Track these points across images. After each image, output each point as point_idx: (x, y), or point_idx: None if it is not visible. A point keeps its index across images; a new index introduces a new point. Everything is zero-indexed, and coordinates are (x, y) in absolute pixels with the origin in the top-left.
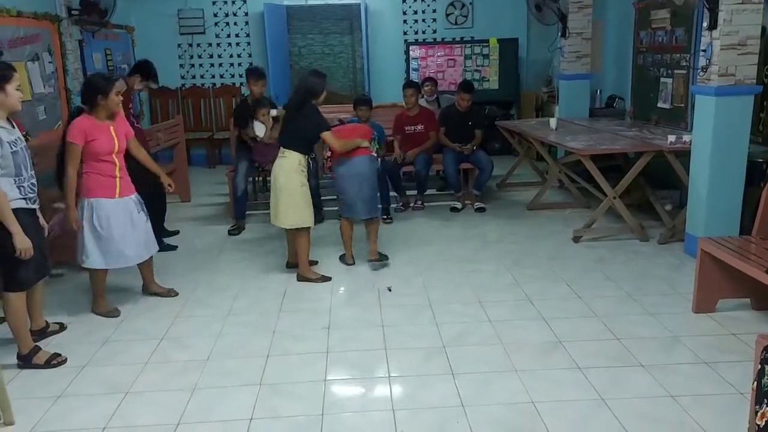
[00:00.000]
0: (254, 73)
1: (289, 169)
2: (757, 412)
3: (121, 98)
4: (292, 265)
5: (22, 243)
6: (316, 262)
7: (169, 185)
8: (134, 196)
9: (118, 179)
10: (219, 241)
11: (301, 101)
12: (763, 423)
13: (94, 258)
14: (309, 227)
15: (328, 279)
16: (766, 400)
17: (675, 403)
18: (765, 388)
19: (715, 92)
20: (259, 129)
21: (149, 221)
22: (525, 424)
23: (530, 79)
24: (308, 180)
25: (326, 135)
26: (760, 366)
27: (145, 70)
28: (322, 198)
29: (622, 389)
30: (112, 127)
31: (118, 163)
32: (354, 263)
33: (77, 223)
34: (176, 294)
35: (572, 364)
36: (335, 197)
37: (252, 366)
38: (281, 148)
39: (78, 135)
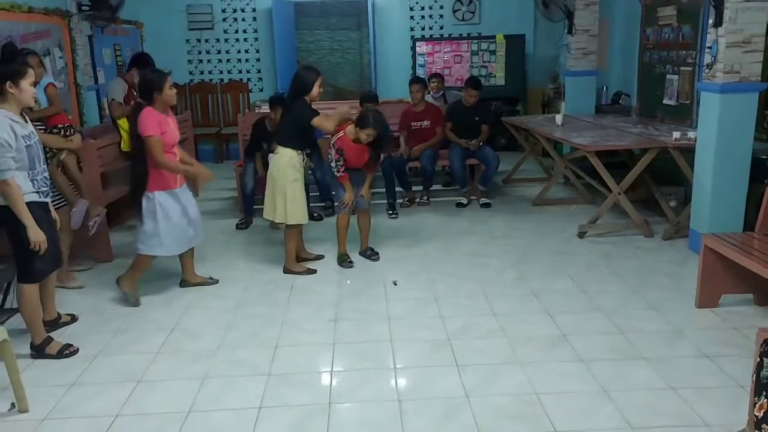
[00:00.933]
0: (281, 103)
1: (280, 165)
2: (755, 404)
3: (175, 91)
4: (301, 259)
5: (36, 236)
6: (322, 257)
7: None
8: (186, 185)
9: None
10: (227, 235)
11: (292, 97)
12: (761, 414)
13: (168, 246)
14: (299, 224)
15: (314, 272)
16: (764, 392)
17: (676, 395)
18: (763, 381)
19: (720, 89)
20: None
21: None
22: (529, 414)
23: (537, 76)
24: (312, 174)
25: (316, 121)
26: (759, 359)
27: (140, 62)
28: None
29: (625, 381)
30: (170, 120)
31: (178, 154)
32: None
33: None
34: (216, 281)
35: (576, 357)
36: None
37: (261, 356)
38: (277, 146)
39: (155, 126)
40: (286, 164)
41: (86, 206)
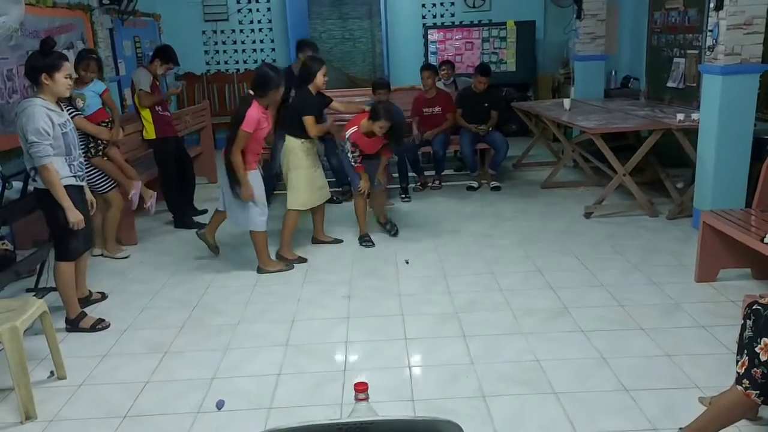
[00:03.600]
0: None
1: (286, 153)
2: (738, 362)
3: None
4: (317, 241)
5: (75, 216)
6: (340, 241)
7: None
8: None
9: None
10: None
11: (297, 86)
12: (742, 371)
13: (263, 220)
14: (297, 210)
15: (304, 260)
16: (746, 351)
17: (670, 361)
18: (745, 341)
19: (721, 71)
20: None
21: None
22: (529, 378)
23: (547, 61)
24: (327, 160)
25: (306, 119)
26: (743, 321)
27: (162, 54)
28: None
29: (622, 349)
30: (268, 114)
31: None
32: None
33: (250, 195)
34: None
35: (576, 327)
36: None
37: (279, 329)
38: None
39: (253, 124)
40: (290, 152)
41: (141, 186)
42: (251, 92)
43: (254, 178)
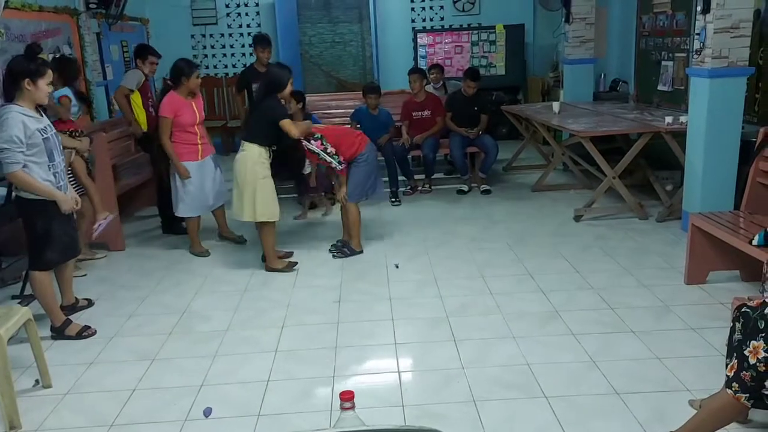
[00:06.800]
0: (263, 41)
1: (248, 162)
2: (727, 365)
3: (199, 80)
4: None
5: (65, 203)
6: (291, 254)
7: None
8: (212, 156)
9: (200, 145)
10: (235, 224)
11: (264, 94)
12: (732, 374)
13: (183, 209)
14: (273, 221)
15: (295, 264)
16: (735, 354)
17: (660, 364)
18: (734, 344)
19: (709, 74)
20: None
21: (222, 174)
22: (520, 382)
23: (537, 65)
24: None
25: (284, 123)
26: (732, 324)
27: (139, 52)
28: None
29: (612, 352)
30: (194, 103)
31: (199, 133)
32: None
33: (185, 175)
34: (245, 240)
35: (567, 331)
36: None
37: (268, 335)
38: (242, 141)
39: (168, 109)
40: (254, 161)
41: (111, 219)
42: (170, 83)
43: (193, 170)
